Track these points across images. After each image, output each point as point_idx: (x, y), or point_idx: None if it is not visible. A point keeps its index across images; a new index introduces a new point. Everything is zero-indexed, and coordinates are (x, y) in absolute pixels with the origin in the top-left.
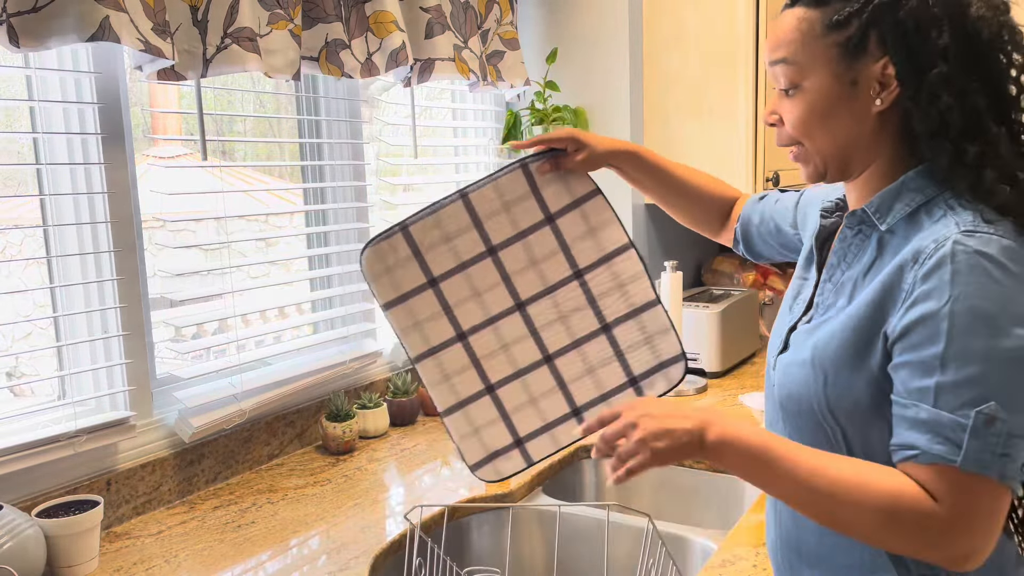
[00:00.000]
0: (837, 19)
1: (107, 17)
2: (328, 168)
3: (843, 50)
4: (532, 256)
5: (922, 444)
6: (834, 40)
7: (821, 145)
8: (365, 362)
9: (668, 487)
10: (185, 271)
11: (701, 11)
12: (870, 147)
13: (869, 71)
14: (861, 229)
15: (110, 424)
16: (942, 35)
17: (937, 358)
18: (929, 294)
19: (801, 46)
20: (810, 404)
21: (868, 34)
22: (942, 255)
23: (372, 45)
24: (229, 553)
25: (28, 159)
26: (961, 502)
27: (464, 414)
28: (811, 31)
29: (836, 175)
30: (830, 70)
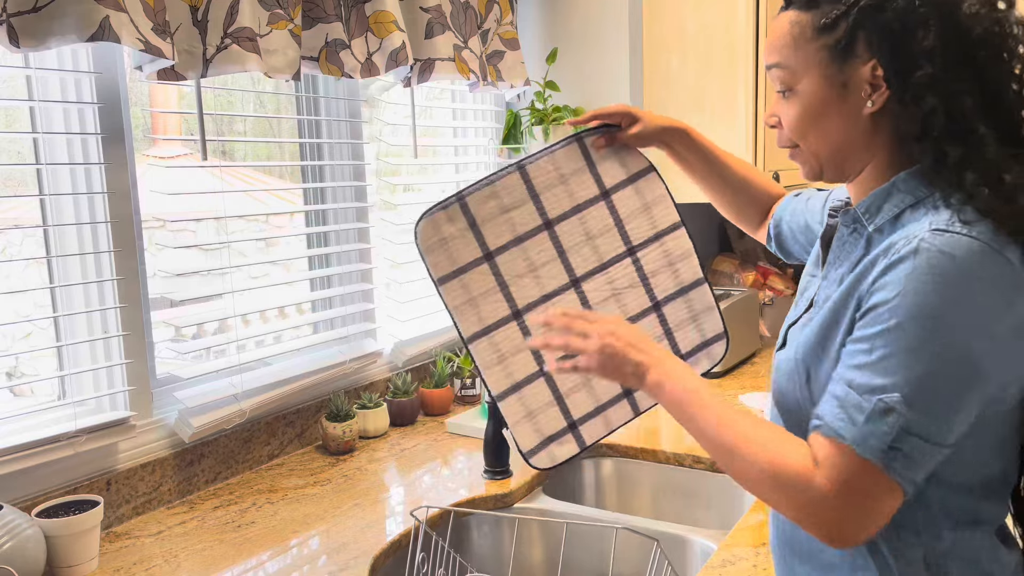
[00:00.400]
0: (825, 22)
1: (107, 17)
2: (328, 168)
3: (832, 53)
4: (587, 231)
5: (827, 417)
6: (824, 43)
7: (816, 146)
8: (365, 362)
9: (668, 487)
10: (185, 271)
11: (701, 11)
12: (865, 148)
13: (859, 73)
14: (856, 228)
15: (110, 424)
16: (928, 35)
17: (867, 341)
18: (885, 285)
19: (793, 50)
20: (796, 400)
21: (856, 36)
22: (907, 251)
23: (372, 45)
24: (229, 553)
25: (28, 159)
26: (841, 479)
27: (519, 398)
28: (802, 35)
29: (832, 175)
30: (821, 73)
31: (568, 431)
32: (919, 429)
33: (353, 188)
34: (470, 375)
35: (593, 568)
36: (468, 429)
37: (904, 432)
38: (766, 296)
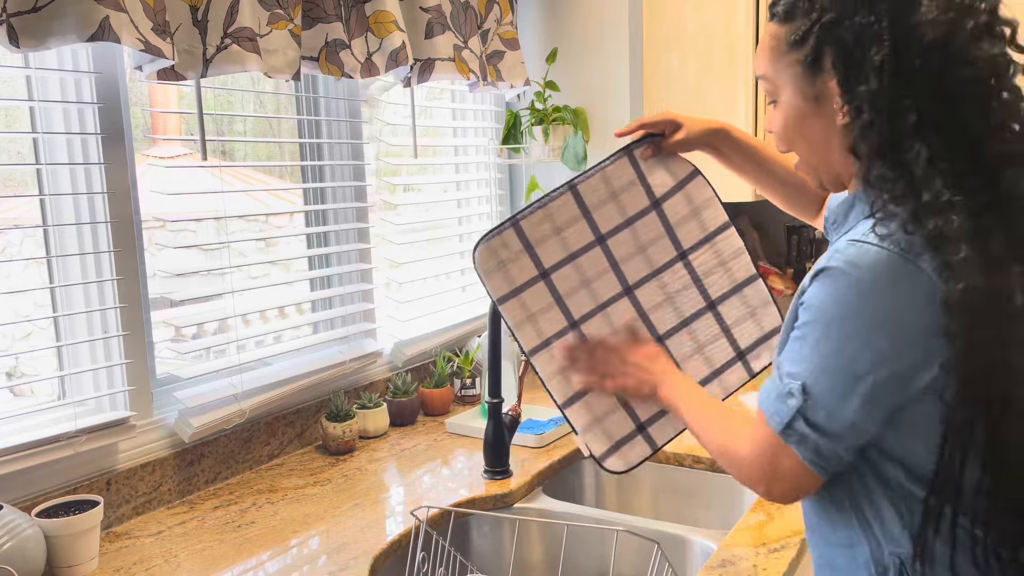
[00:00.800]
0: (795, 38)
1: (107, 17)
2: (328, 168)
3: (804, 67)
4: (639, 241)
5: (762, 388)
6: (795, 58)
7: (804, 156)
8: (365, 362)
9: (668, 487)
10: (185, 271)
11: (701, 12)
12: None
13: (828, 87)
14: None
15: (110, 424)
16: (881, 50)
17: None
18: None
19: (771, 63)
20: None
21: (823, 51)
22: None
23: (372, 45)
24: (229, 553)
25: (28, 159)
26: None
27: (584, 404)
28: (778, 48)
29: (830, 184)
30: (796, 87)
31: (637, 433)
32: (812, 415)
33: (353, 188)
34: (470, 375)
35: (593, 568)
36: (468, 429)
37: (799, 416)
38: None
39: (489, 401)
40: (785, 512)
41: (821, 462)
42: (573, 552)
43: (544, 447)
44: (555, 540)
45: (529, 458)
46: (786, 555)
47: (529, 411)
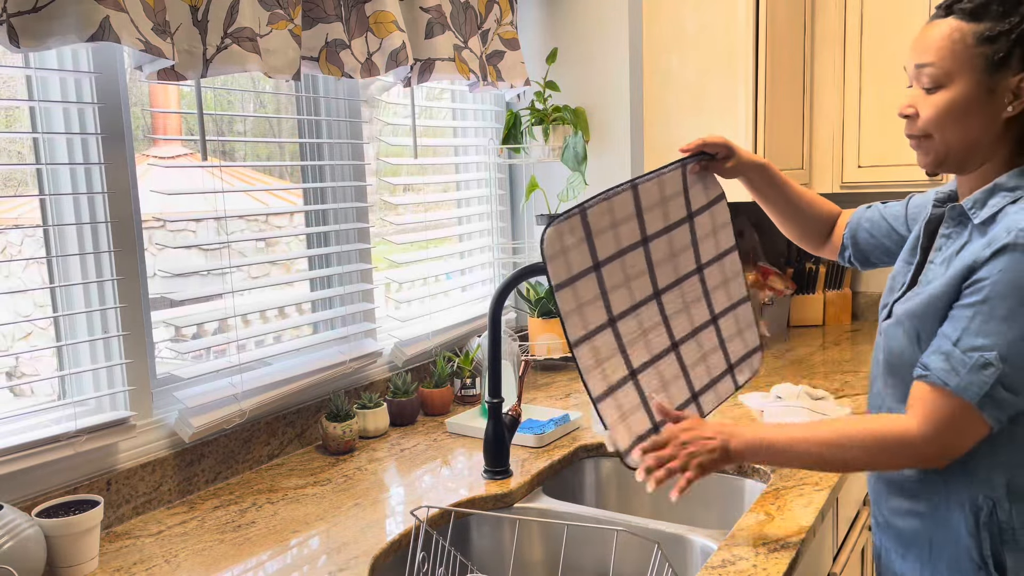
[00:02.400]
0: (988, 35)
1: (107, 17)
2: (328, 168)
3: (988, 62)
4: (672, 248)
5: (934, 367)
6: (982, 52)
7: (951, 140)
8: (365, 362)
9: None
10: (185, 271)
11: (701, 11)
12: (990, 148)
13: (1007, 83)
14: (960, 221)
15: (110, 424)
16: None
17: (971, 307)
18: (989, 264)
19: (951, 54)
20: (907, 360)
21: (1013, 52)
22: (1006, 241)
23: (372, 45)
24: (229, 553)
25: (28, 159)
26: (940, 418)
27: (614, 400)
28: (962, 41)
29: (953, 167)
30: (974, 78)
31: (654, 431)
32: (1009, 382)
33: (353, 188)
34: (470, 375)
35: (593, 568)
36: (468, 429)
37: (998, 383)
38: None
39: (489, 401)
40: (785, 512)
41: (1003, 419)
42: (573, 552)
43: (544, 447)
44: (555, 540)
45: (529, 458)
46: (786, 555)
47: (529, 411)
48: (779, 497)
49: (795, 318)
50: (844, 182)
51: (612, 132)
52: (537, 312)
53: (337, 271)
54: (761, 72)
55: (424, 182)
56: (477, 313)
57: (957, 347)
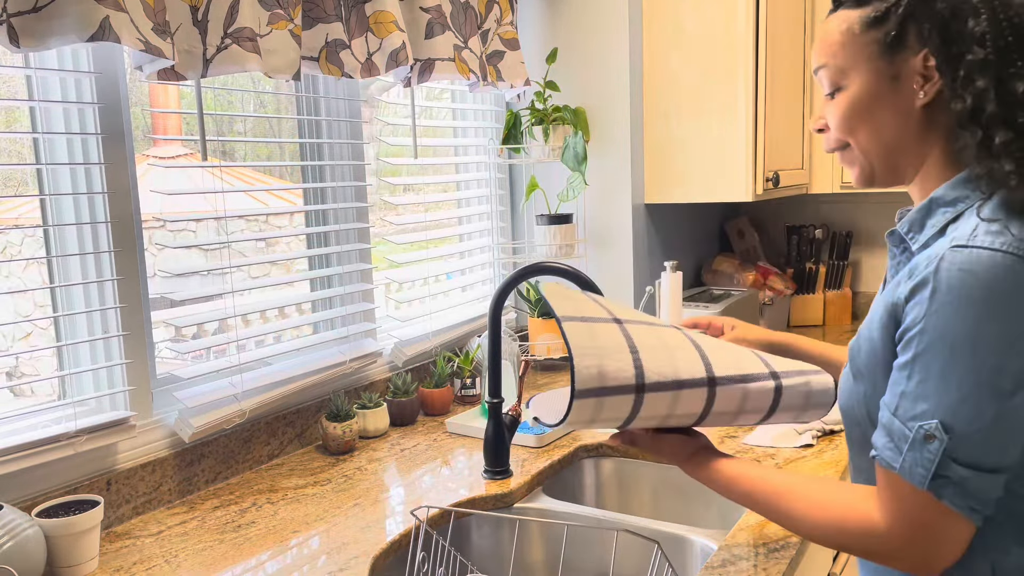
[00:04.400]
0: (875, 15)
1: (107, 17)
2: (328, 168)
3: (882, 46)
4: None
5: (879, 446)
6: (873, 37)
7: (866, 144)
8: (365, 362)
9: (668, 487)
10: (185, 271)
11: (701, 11)
12: (917, 145)
13: (910, 65)
14: (904, 247)
15: (110, 424)
16: (980, 21)
17: (906, 368)
18: (912, 309)
19: (841, 47)
20: (855, 418)
21: (906, 28)
22: (927, 273)
23: (372, 45)
24: (229, 553)
25: (28, 159)
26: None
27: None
28: (850, 31)
29: (885, 176)
30: (871, 67)
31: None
32: (964, 455)
33: (353, 188)
34: (470, 375)
35: (593, 568)
36: (468, 429)
37: (948, 459)
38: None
39: (489, 401)
40: None
41: (979, 507)
42: (573, 552)
43: (544, 447)
44: (555, 540)
45: (529, 458)
46: (786, 555)
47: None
48: None
49: (795, 318)
50: (844, 182)
51: (612, 132)
52: (537, 312)
53: (337, 271)
54: (761, 72)
55: (424, 182)
56: (477, 313)
57: (896, 417)
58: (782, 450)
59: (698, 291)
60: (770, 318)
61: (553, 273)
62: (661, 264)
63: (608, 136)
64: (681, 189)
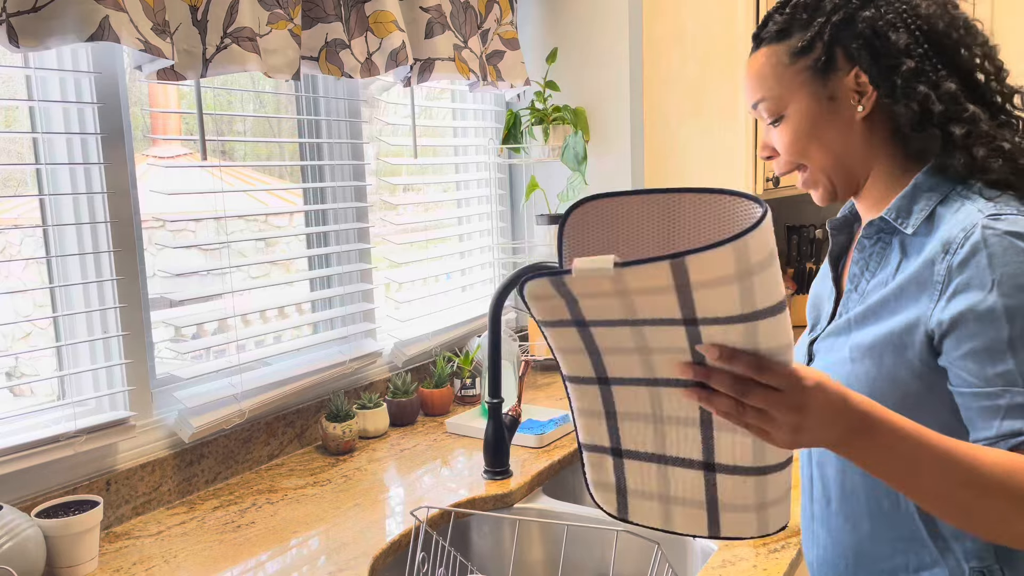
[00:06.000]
0: (802, 45)
1: (107, 17)
2: (328, 168)
3: (814, 72)
4: None
5: None
6: (803, 65)
7: (820, 162)
8: (365, 362)
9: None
10: (185, 271)
11: (701, 11)
12: (865, 154)
13: (843, 84)
14: (880, 237)
15: (110, 424)
16: (900, 35)
17: (1004, 343)
18: (969, 283)
19: (775, 80)
20: None
21: (833, 52)
22: (974, 242)
23: (372, 45)
24: (229, 553)
25: (28, 159)
26: None
27: None
28: (780, 63)
29: (844, 188)
30: (807, 92)
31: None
32: None
33: (353, 188)
34: (470, 375)
35: (593, 568)
36: (468, 429)
37: None
38: None
39: (489, 401)
40: None
41: None
42: (573, 552)
43: (544, 447)
44: (555, 540)
45: (529, 458)
46: (786, 555)
47: (529, 411)
48: None
49: (795, 318)
50: None
51: (612, 132)
52: None
53: (337, 271)
54: None
55: (424, 182)
56: (477, 313)
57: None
58: None
59: None
60: None
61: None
62: None
63: (608, 136)
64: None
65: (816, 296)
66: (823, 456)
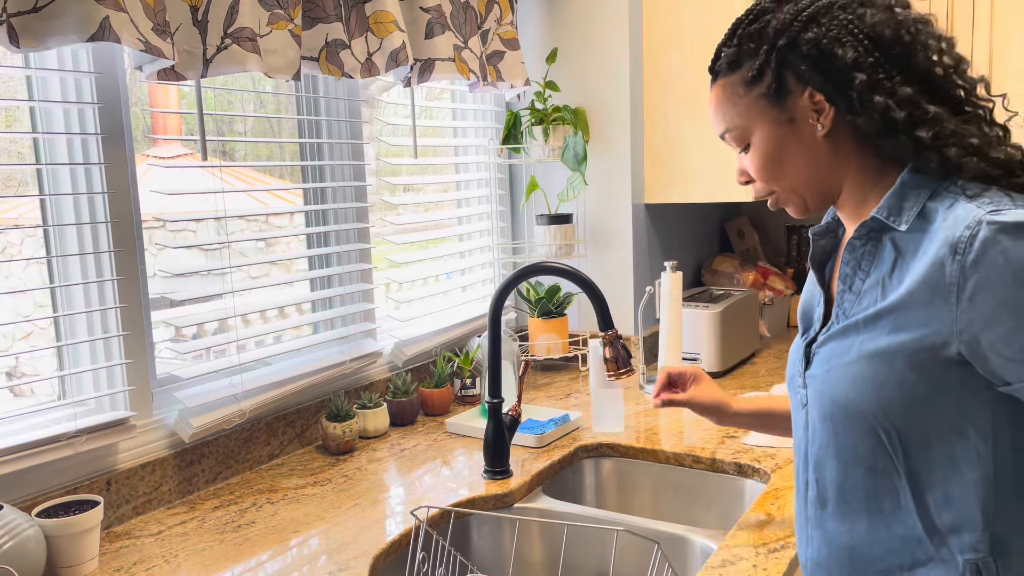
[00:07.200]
0: (752, 75)
1: (107, 17)
2: (328, 168)
3: (768, 99)
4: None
5: None
6: (758, 93)
7: (792, 182)
8: (365, 362)
9: (668, 487)
10: (185, 271)
11: (700, 11)
12: (835, 167)
13: (799, 105)
14: (871, 236)
15: (110, 424)
16: (846, 50)
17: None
18: (987, 281)
19: (734, 111)
20: (859, 406)
21: (784, 76)
22: (983, 239)
23: (372, 45)
24: (229, 553)
25: (28, 159)
26: None
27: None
28: (735, 94)
29: (818, 202)
30: (767, 119)
31: None
32: None
33: (353, 188)
34: (470, 375)
35: (594, 568)
36: (468, 429)
37: None
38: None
39: (489, 401)
40: (785, 512)
41: None
42: (573, 552)
43: (544, 447)
44: (555, 540)
45: (529, 458)
46: (786, 555)
47: (529, 411)
48: (779, 497)
49: (795, 318)
50: None
51: (612, 132)
52: (537, 312)
53: (337, 271)
54: None
55: (424, 182)
56: (477, 313)
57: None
58: (782, 450)
59: (698, 291)
60: (770, 318)
61: (553, 273)
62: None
63: (608, 136)
64: (681, 189)
65: (806, 302)
66: (821, 457)
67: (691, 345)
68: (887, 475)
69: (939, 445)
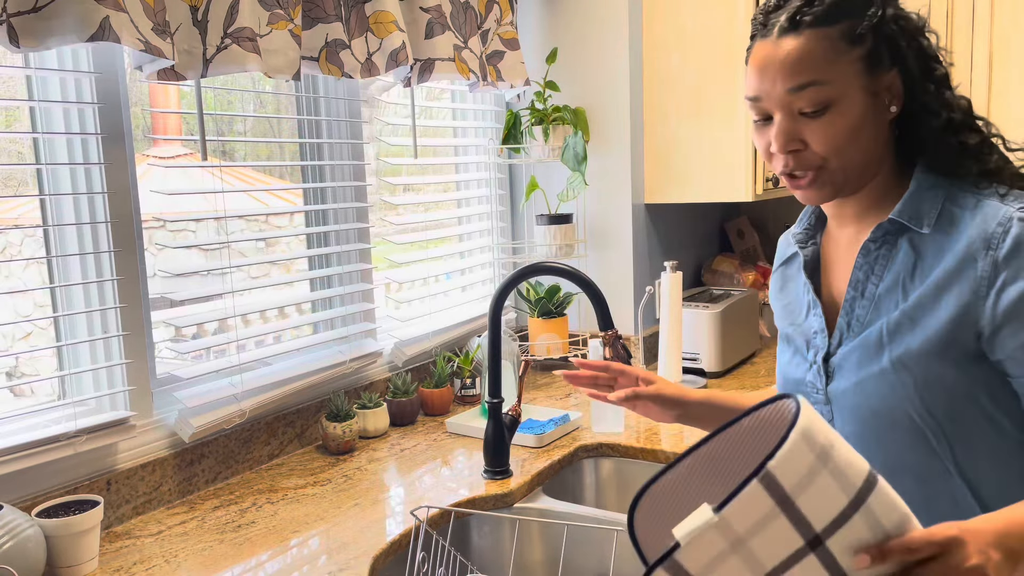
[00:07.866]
0: (859, 32)
1: (107, 17)
2: (328, 168)
3: (865, 64)
4: None
5: None
6: (857, 55)
7: (851, 160)
8: (365, 362)
9: None
10: (185, 271)
11: (700, 11)
12: (882, 156)
13: (883, 81)
14: (887, 239)
15: (110, 424)
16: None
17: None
18: (1018, 275)
19: (828, 65)
20: (904, 411)
21: (881, 47)
22: (1016, 234)
23: (372, 45)
24: (229, 553)
25: (28, 159)
26: None
27: None
28: (834, 49)
29: (853, 189)
30: (859, 84)
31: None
32: None
33: (353, 188)
34: (470, 375)
35: (593, 568)
36: (468, 429)
37: None
38: (766, 296)
39: (489, 401)
40: None
41: None
42: (573, 552)
43: (544, 447)
44: (555, 540)
45: (529, 458)
46: None
47: (529, 411)
48: None
49: None
50: None
51: (612, 132)
52: (537, 312)
53: (337, 271)
54: None
55: (424, 182)
56: (477, 313)
57: None
58: None
59: (698, 291)
60: (770, 318)
61: (553, 273)
62: (661, 264)
63: (608, 136)
64: (681, 189)
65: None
66: None
67: (691, 345)
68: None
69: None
